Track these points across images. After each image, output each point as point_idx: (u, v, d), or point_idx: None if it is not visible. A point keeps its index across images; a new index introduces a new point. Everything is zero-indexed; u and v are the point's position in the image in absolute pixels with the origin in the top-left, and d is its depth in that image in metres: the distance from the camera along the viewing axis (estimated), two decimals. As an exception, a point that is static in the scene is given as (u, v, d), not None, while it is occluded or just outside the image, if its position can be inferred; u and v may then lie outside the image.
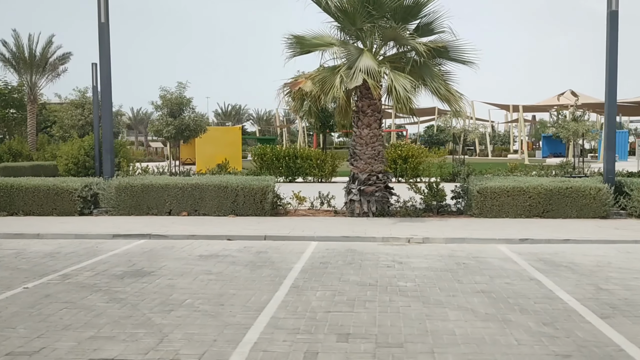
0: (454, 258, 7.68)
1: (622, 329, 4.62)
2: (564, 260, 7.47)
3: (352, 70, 10.28)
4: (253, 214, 11.40)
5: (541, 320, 4.88)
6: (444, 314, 5.10)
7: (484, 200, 10.97)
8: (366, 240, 9.04)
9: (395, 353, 4.13)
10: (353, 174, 11.68)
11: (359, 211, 11.42)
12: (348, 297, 5.70)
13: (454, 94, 10.92)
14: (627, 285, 6.07)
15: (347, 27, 11.25)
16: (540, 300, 5.53)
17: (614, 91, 11.33)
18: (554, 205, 10.82)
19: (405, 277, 6.56)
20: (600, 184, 10.90)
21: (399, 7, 10.84)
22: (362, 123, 11.51)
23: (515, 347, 4.22)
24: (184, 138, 23.24)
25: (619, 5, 11.09)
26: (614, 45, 11.19)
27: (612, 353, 4.09)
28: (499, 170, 21.23)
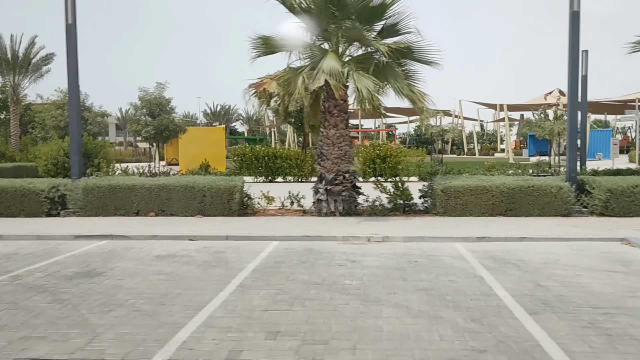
0: (408, 256, 7.78)
1: (546, 324, 4.73)
2: (513, 257, 7.59)
3: (315, 71, 10.36)
4: (220, 214, 11.45)
5: (471, 316, 4.98)
6: (378, 311, 5.19)
7: (447, 199, 11.09)
8: (327, 239, 9.12)
9: (318, 350, 4.21)
10: (320, 174, 11.77)
11: (326, 210, 11.51)
12: (290, 295, 5.78)
13: (417, 94, 11.03)
14: (567, 282, 6.19)
15: (312, 28, 11.33)
16: (476, 297, 5.64)
17: (575, 91, 11.50)
18: (517, 204, 10.96)
19: (354, 275, 6.65)
20: (562, 182, 11.05)
21: (363, 8, 10.94)
22: (328, 123, 11.59)
23: (436, 343, 4.32)
24: (163, 138, 23.22)
25: (580, 6, 11.26)
26: (576, 45, 11.35)
27: (528, 348, 4.19)
28: (476, 169, 21.39)
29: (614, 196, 10.72)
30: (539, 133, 21.68)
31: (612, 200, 10.73)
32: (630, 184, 10.70)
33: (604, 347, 4.19)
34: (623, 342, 4.28)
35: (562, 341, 4.32)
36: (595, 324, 4.71)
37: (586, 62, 22.00)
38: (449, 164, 23.37)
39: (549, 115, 37.09)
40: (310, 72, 10.43)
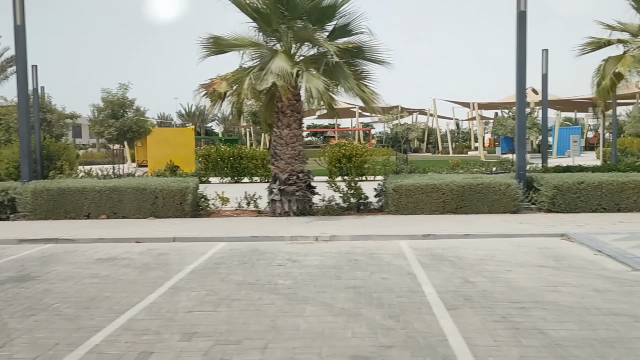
0: (350, 255, 7.84)
1: (460, 319, 4.83)
2: (452, 254, 7.71)
3: (264, 71, 10.37)
4: (173, 216, 11.38)
5: (390, 313, 5.05)
6: (302, 310, 5.23)
7: (399, 198, 11.21)
8: (275, 239, 9.14)
9: (228, 350, 4.23)
10: (274, 174, 11.79)
11: (280, 211, 11.53)
12: (220, 296, 5.78)
13: (368, 93, 11.13)
14: (495, 278, 6.32)
15: (263, 28, 11.34)
16: (403, 294, 5.72)
17: (522, 89, 11.73)
18: (467, 202, 11.14)
19: (289, 275, 6.68)
20: (510, 180, 11.27)
21: (313, 8, 10.99)
22: (282, 123, 11.61)
23: (346, 340, 4.37)
24: (126, 139, 22.93)
25: (527, 6, 11.49)
26: (522, 45, 11.58)
27: (434, 343, 4.28)
28: (441, 167, 21.70)
29: (560, 193, 10.97)
30: (501, 131, 22.08)
31: (559, 197, 10.99)
32: (575, 181, 10.97)
33: (508, 340, 4.29)
34: (529, 336, 4.39)
35: (469, 335, 4.41)
36: (507, 319, 4.83)
37: (547, 61, 22.45)
38: (414, 163, 23.60)
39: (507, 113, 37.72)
40: (258, 73, 10.43)
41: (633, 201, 10.85)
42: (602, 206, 10.93)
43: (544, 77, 22.47)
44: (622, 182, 10.83)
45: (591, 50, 12.55)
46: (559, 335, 4.37)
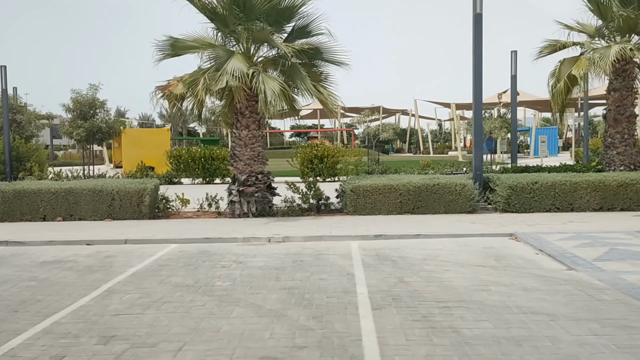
0: (297, 256, 7.87)
1: (381, 319, 4.89)
2: (397, 254, 7.79)
3: (219, 72, 10.36)
4: (131, 218, 11.31)
5: (315, 314, 5.09)
6: (230, 312, 5.24)
7: (357, 199, 11.29)
8: (227, 241, 9.13)
9: (140, 353, 4.23)
10: (233, 175, 11.78)
11: (239, 212, 11.53)
12: (152, 299, 5.77)
13: (324, 94, 11.17)
14: (430, 277, 6.40)
15: (222, 29, 11.32)
16: (335, 294, 5.76)
17: (479, 90, 11.88)
18: (423, 202, 11.25)
19: (230, 276, 6.69)
20: (466, 180, 11.41)
21: (270, 10, 11.00)
22: (240, 124, 11.62)
23: (262, 341, 4.40)
24: (96, 140, 22.73)
25: (482, 8, 11.65)
26: (479, 46, 11.73)
27: (347, 343, 4.33)
28: (412, 168, 21.89)
29: (514, 193, 11.14)
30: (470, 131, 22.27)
31: (513, 197, 11.15)
32: (530, 181, 11.14)
33: (421, 339, 4.36)
34: (442, 335, 4.46)
35: (384, 335, 4.47)
36: (427, 318, 4.90)
37: (516, 62, 22.76)
38: (385, 163, 23.78)
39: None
40: (214, 74, 10.41)
41: (586, 201, 11.05)
42: (555, 206, 11.12)
43: (513, 78, 22.78)
44: (575, 182, 11.03)
45: (548, 53, 12.74)
46: (471, 334, 4.45)
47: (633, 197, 10.97)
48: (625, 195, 10.97)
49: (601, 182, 10.94)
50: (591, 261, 7.01)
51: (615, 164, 12.35)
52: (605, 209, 11.08)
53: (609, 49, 11.40)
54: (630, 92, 12.20)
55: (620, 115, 12.27)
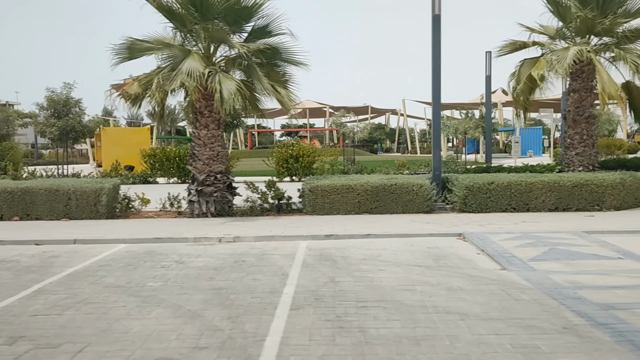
0: (241, 256, 7.87)
1: (295, 319, 4.90)
2: (340, 254, 7.81)
3: (174, 72, 10.33)
4: (87, 217, 11.26)
5: (232, 314, 5.10)
6: (148, 312, 5.24)
7: (315, 199, 11.30)
8: (177, 241, 9.12)
9: (40, 354, 4.22)
10: (192, 175, 11.75)
11: (198, 212, 11.50)
12: (76, 300, 5.74)
13: (282, 94, 11.16)
14: (362, 277, 6.42)
15: (180, 28, 11.29)
16: (260, 295, 5.77)
17: (438, 90, 11.93)
18: (381, 202, 11.28)
19: (165, 277, 6.68)
20: (423, 180, 11.46)
21: (228, 9, 10.97)
22: (199, 124, 11.60)
23: (166, 342, 4.40)
24: (69, 139, 22.57)
25: (441, 10, 11.70)
26: (437, 47, 11.78)
27: (250, 343, 4.34)
28: (387, 168, 21.98)
29: (471, 193, 11.20)
30: (445, 131, 22.41)
31: (470, 197, 11.22)
32: (486, 181, 11.21)
33: (324, 339, 4.38)
34: (347, 335, 4.49)
35: (290, 335, 4.49)
36: (340, 318, 4.92)
37: (490, 63, 22.93)
38: (362, 163, 23.82)
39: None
40: (169, 74, 10.38)
41: (542, 201, 11.14)
42: (512, 206, 11.20)
43: (488, 78, 22.99)
44: (530, 182, 11.11)
45: (509, 51, 12.81)
46: (376, 334, 4.48)
47: (588, 198, 11.08)
48: (580, 195, 11.08)
49: (556, 182, 11.04)
50: (527, 261, 7.08)
51: (574, 164, 12.46)
52: (560, 209, 11.17)
53: (567, 50, 11.49)
54: (589, 94, 12.30)
55: (579, 116, 12.37)
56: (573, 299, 5.32)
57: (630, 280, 6.02)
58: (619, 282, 5.96)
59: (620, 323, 4.59)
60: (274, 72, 12.09)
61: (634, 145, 46.99)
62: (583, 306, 5.09)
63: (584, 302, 5.21)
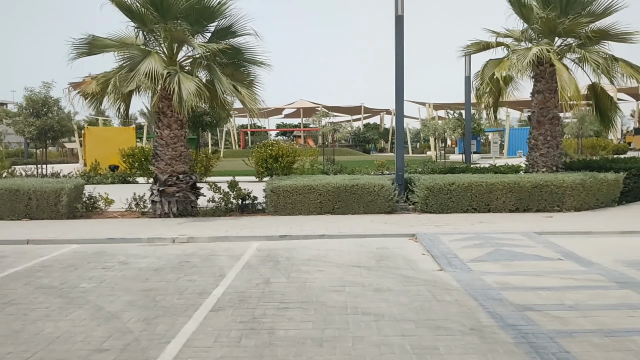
0: (188, 257, 7.86)
1: (210, 321, 4.89)
2: (287, 255, 7.80)
3: (133, 73, 10.31)
4: (49, 217, 11.23)
5: (150, 316, 5.09)
6: (68, 314, 5.21)
7: (277, 199, 11.30)
8: (130, 241, 9.10)
9: (-59, 356, 4.20)
10: (155, 175, 11.73)
11: (160, 212, 11.48)
12: (5, 300, 5.72)
13: (244, 94, 11.13)
14: (297, 278, 6.42)
15: (141, 28, 11.26)
16: (188, 296, 5.76)
17: (401, 90, 11.94)
18: (343, 202, 11.28)
19: (102, 278, 6.66)
20: (385, 181, 11.46)
21: (189, 9, 10.96)
22: (162, 124, 11.58)
23: (71, 344, 4.37)
24: (48, 139, 22.49)
25: (404, 11, 11.70)
26: (400, 47, 11.79)
27: (153, 345, 4.32)
28: (366, 168, 21.98)
29: (432, 193, 11.21)
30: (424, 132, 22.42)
31: (431, 198, 11.23)
32: (447, 182, 11.22)
33: (229, 341, 4.38)
34: (255, 336, 4.48)
35: (198, 337, 4.48)
36: (256, 319, 4.92)
37: (469, 64, 22.93)
38: (341, 163, 23.82)
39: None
40: (126, 74, 10.36)
41: (502, 202, 11.16)
42: (472, 207, 11.22)
43: (467, 79, 22.98)
44: (491, 183, 11.13)
45: (474, 51, 12.81)
46: (284, 335, 4.48)
47: (548, 199, 11.10)
48: (540, 196, 11.10)
49: (516, 183, 11.06)
50: (467, 262, 7.09)
51: (539, 165, 12.48)
52: (521, 209, 11.20)
53: (528, 51, 11.50)
54: (553, 95, 12.32)
55: (543, 117, 12.39)
56: (494, 300, 5.34)
57: (560, 282, 6.03)
58: (548, 283, 5.97)
59: (529, 324, 4.60)
60: (238, 72, 12.09)
61: (623, 146, 46.97)
62: (500, 307, 5.10)
63: (503, 303, 5.22)
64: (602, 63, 11.18)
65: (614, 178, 11.54)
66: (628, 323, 4.58)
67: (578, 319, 4.70)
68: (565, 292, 5.56)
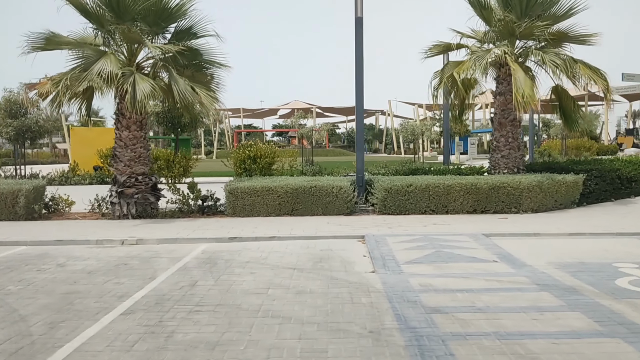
0: (129, 259, 7.83)
1: (114, 325, 4.86)
2: (229, 257, 7.76)
3: (85, 73, 10.29)
4: (6, 219, 11.20)
5: (58, 319, 5.05)
6: (-21, 316, 5.19)
7: (235, 200, 11.28)
8: (79, 243, 9.06)
9: None
10: (114, 176, 11.70)
11: (119, 213, 11.46)
12: None
13: (200, 95, 11.11)
14: (227, 281, 6.39)
15: (99, 29, 11.23)
16: (107, 299, 5.72)
17: (361, 93, 11.93)
18: (302, 203, 11.27)
19: (31, 280, 6.62)
20: (344, 182, 11.45)
21: (146, 10, 10.95)
22: (121, 125, 11.56)
23: (-36, 348, 4.36)
24: (25, 139, 22.45)
25: (363, 13, 11.70)
26: (360, 49, 11.78)
27: (46, 349, 4.28)
28: (345, 170, 21.96)
29: (390, 195, 11.21)
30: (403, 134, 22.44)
31: (389, 199, 11.22)
32: (404, 184, 11.21)
33: (123, 345, 4.35)
34: (152, 340, 4.45)
35: (93, 341, 4.45)
36: (162, 323, 4.89)
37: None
38: (319, 164, 23.82)
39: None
40: (79, 74, 10.33)
41: (460, 203, 11.15)
42: (430, 208, 11.21)
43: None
44: (449, 185, 11.12)
45: (436, 53, 12.81)
46: (181, 339, 4.45)
47: (505, 200, 11.11)
48: (498, 198, 11.10)
49: (473, 185, 11.06)
50: (402, 263, 7.08)
51: (500, 167, 12.49)
52: (479, 211, 11.20)
53: (487, 53, 11.51)
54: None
55: (504, 119, 12.40)
56: (408, 303, 5.32)
57: (483, 284, 6.02)
58: (471, 285, 5.96)
59: (429, 327, 4.58)
60: (200, 73, 12.09)
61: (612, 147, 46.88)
62: (410, 310, 5.09)
63: (415, 306, 5.21)
64: (560, 64, 11.18)
65: (572, 180, 11.55)
66: (528, 326, 4.57)
67: (480, 322, 4.69)
68: (481, 295, 5.55)
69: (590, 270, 6.50)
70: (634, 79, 24.02)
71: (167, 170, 22.48)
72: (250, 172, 22.27)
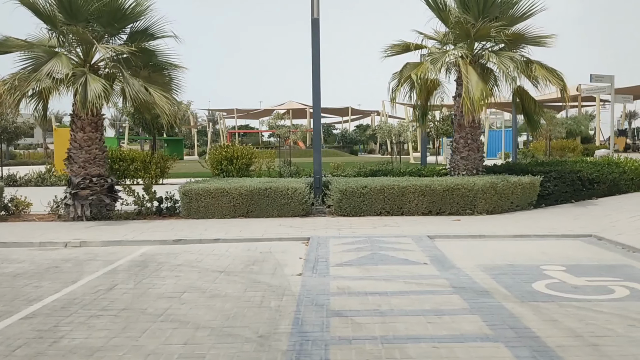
0: (64, 262, 7.75)
1: (6, 330, 4.81)
2: (164, 260, 7.68)
3: (35, 74, 10.23)
4: (-41, 221, 11.12)
5: (-43, 323, 5.00)
6: None
7: (189, 202, 11.22)
8: (21, 245, 8.99)
9: None
10: (69, 178, 11.64)
11: (74, 215, 11.38)
12: None
13: (154, 96, 11.04)
14: (148, 284, 6.31)
15: (52, 29, 11.17)
16: (17, 302, 5.64)
17: (318, 95, 11.88)
18: (257, 205, 11.21)
19: (-47, 283, 6.57)
20: (299, 184, 11.40)
21: (99, 11, 10.88)
22: (76, 126, 11.50)
23: None
24: (2, 140, 22.37)
25: (319, 14, 11.66)
26: (317, 50, 11.74)
27: None
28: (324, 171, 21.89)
29: (345, 196, 11.15)
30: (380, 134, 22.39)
31: (344, 201, 11.16)
32: (360, 185, 11.16)
33: (5, 350, 4.29)
34: (36, 345, 4.38)
35: None
36: (56, 327, 4.80)
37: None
38: (300, 165, 23.73)
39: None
40: (28, 75, 10.28)
41: (415, 205, 11.10)
42: (386, 210, 11.16)
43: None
44: (403, 186, 11.07)
45: (395, 53, 12.73)
46: (65, 344, 4.39)
47: (460, 202, 11.06)
48: (452, 199, 11.05)
49: (427, 186, 11.01)
50: (332, 266, 7.03)
51: (460, 168, 12.44)
52: (434, 212, 11.15)
53: (444, 54, 11.48)
54: (474, 98, 12.26)
55: (463, 120, 12.35)
56: (315, 306, 5.26)
57: (401, 287, 5.97)
58: (388, 288, 5.90)
59: (321, 331, 4.53)
60: (159, 74, 12.03)
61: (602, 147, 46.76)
62: (313, 313, 5.03)
63: (321, 309, 5.15)
64: (511, 66, 11.14)
65: (529, 181, 11.50)
66: (419, 330, 4.52)
67: (374, 325, 4.64)
68: (392, 298, 5.49)
69: (515, 273, 6.45)
70: (602, 80, 24.00)
71: (144, 172, 22.42)
72: (227, 173, 22.25)
